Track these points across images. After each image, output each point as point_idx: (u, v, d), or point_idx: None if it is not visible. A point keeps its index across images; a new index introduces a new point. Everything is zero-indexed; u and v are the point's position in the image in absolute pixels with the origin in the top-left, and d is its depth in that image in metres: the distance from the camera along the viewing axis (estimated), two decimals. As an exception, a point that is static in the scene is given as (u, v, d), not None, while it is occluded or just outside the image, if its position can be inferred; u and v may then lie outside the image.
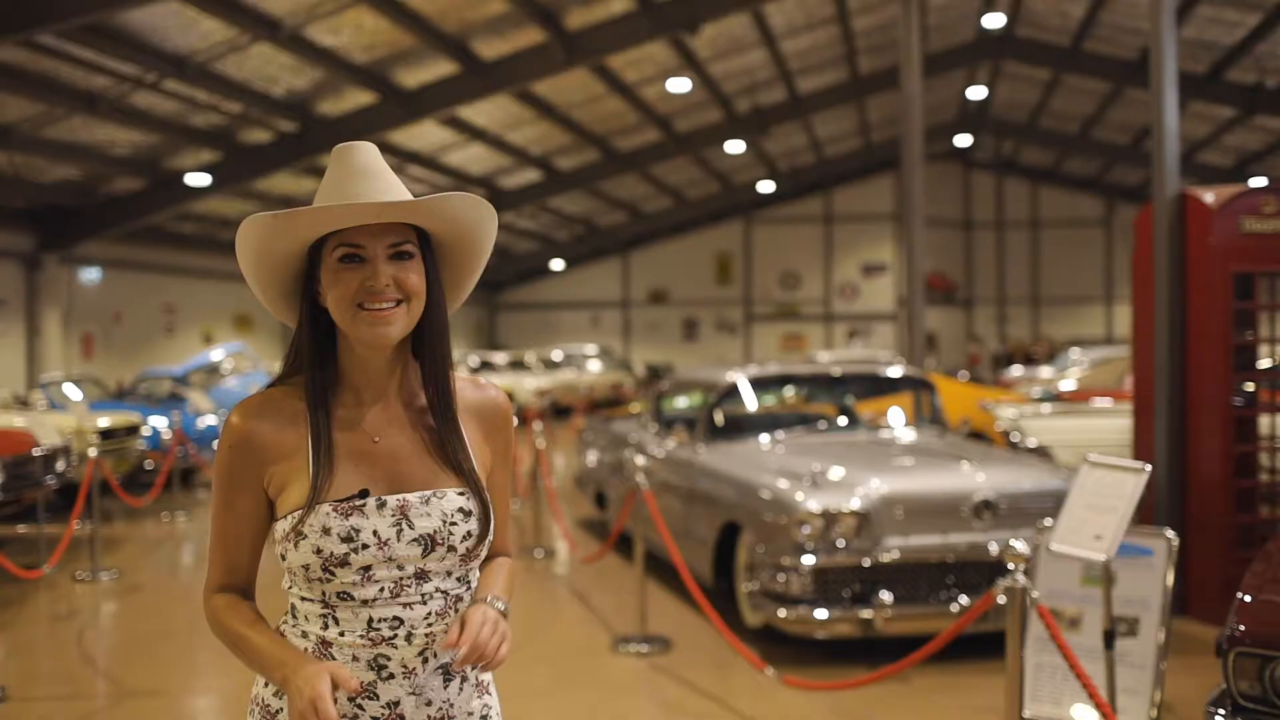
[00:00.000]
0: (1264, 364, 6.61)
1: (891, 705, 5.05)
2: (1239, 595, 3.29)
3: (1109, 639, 3.75)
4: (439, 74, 15.50)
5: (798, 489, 5.68)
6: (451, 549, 1.67)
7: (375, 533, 1.63)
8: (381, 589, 1.64)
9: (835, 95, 22.27)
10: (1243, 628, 3.15)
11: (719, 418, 7.39)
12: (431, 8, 13.46)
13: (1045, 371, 18.70)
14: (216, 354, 16.27)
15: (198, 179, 16.87)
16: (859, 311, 33.61)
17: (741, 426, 7.38)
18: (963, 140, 29.31)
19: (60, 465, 8.92)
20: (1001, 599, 3.43)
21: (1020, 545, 3.37)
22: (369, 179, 1.66)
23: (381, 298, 1.63)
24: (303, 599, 1.69)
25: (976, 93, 24.50)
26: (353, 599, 1.64)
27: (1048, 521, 4.68)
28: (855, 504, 5.54)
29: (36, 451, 8.51)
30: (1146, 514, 6.30)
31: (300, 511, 1.63)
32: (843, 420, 7.78)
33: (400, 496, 1.67)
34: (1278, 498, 6.48)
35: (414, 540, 1.65)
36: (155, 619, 7.00)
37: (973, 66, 22.98)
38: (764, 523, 5.74)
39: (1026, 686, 4.80)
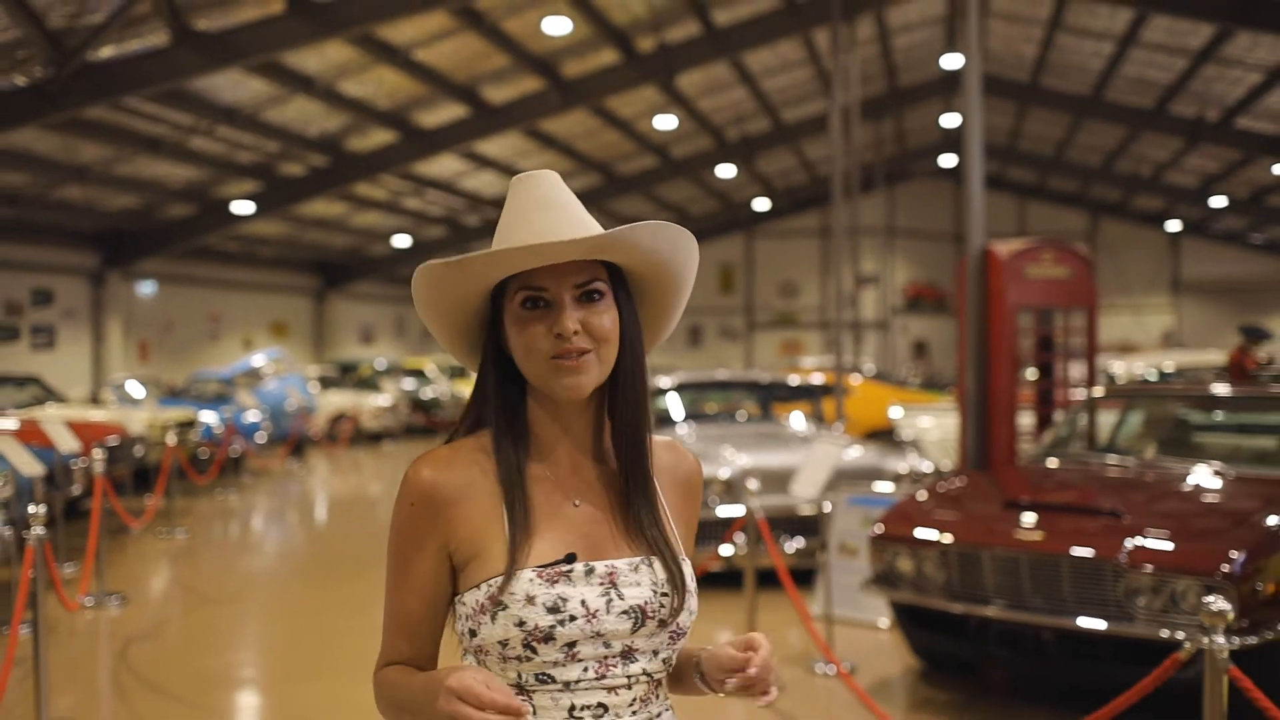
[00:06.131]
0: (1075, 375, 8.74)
1: (727, 613, 7.21)
2: (887, 512, 5.45)
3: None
4: (452, 116, 17.77)
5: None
6: (662, 623, 1.48)
7: (583, 603, 1.45)
8: (585, 669, 1.46)
9: (819, 124, 24.23)
10: (875, 530, 5.31)
11: (648, 414, 9.58)
12: (444, 63, 15.72)
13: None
14: (258, 359, 18.70)
15: (242, 206, 19.28)
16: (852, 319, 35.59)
17: (666, 421, 9.57)
18: (948, 160, 31.28)
19: (139, 450, 11.24)
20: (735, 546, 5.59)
21: (753, 484, 5.53)
22: (549, 212, 1.49)
23: (570, 347, 1.46)
24: None
25: (950, 120, 26.45)
26: (553, 682, 1.45)
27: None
28: (724, 473, 7.72)
29: (113, 440, 10.83)
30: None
31: (500, 579, 1.44)
32: (743, 415, 9.93)
33: (608, 563, 1.48)
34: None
35: (624, 612, 1.46)
36: (219, 562, 9.38)
37: (945, 97, 24.99)
38: (663, 489, 7.91)
39: (834, 596, 6.98)
